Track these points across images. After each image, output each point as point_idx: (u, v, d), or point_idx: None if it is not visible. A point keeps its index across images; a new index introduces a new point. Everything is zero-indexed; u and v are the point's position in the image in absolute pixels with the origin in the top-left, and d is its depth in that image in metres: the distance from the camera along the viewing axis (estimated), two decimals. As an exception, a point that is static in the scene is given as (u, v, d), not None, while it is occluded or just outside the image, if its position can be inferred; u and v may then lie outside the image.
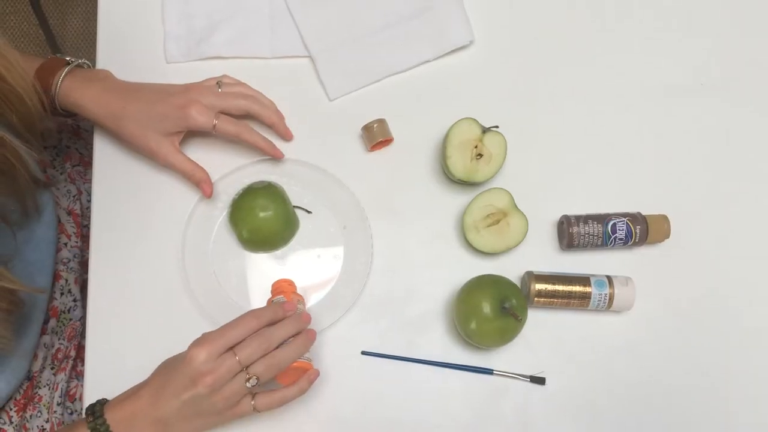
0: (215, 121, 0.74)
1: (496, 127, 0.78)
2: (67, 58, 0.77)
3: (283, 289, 0.73)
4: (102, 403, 0.66)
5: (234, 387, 0.64)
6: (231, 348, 0.64)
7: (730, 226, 0.82)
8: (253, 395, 0.66)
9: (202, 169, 0.77)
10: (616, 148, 0.83)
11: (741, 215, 0.82)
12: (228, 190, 0.79)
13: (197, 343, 0.65)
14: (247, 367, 0.64)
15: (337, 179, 0.79)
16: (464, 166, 0.77)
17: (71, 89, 0.74)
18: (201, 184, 0.77)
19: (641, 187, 0.82)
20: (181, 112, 0.74)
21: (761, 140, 0.85)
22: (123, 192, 0.80)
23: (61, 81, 0.74)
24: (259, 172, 0.80)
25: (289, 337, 0.66)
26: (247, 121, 0.79)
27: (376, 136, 0.80)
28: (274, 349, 0.66)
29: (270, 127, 0.80)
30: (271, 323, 0.67)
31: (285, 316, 0.68)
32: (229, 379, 0.64)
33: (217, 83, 0.78)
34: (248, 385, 0.65)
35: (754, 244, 0.81)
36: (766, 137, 0.85)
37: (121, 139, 0.77)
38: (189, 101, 0.74)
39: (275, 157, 0.79)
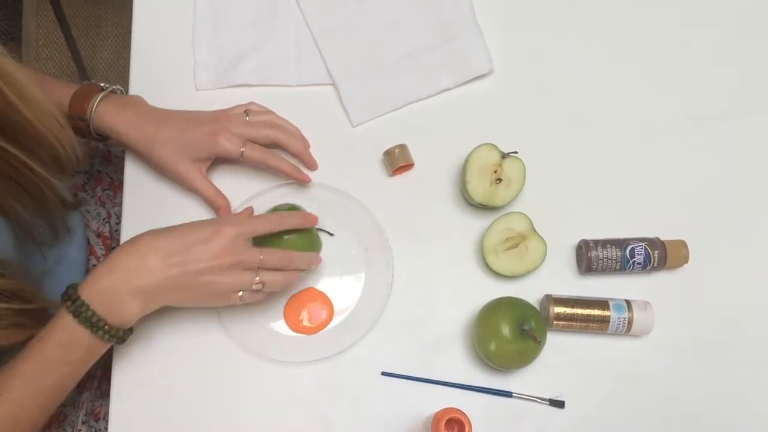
0: (243, 149, 0.77)
1: (515, 152, 0.79)
2: (102, 84, 0.79)
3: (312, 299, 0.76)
4: (73, 287, 0.65)
5: (241, 279, 0.67)
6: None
7: (749, 251, 0.82)
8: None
9: (223, 196, 0.79)
10: (634, 172, 0.84)
11: (760, 241, 0.82)
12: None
13: (229, 222, 0.68)
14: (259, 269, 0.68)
15: (359, 203, 0.81)
16: (484, 190, 0.78)
17: (106, 113, 0.76)
18: (220, 211, 0.78)
19: (660, 212, 0.83)
20: (210, 140, 0.76)
21: (780, 167, 0.85)
22: (151, 214, 0.81)
23: (97, 105, 0.76)
24: (283, 195, 0.81)
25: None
26: (275, 150, 0.81)
27: (398, 161, 0.81)
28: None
29: (296, 155, 0.82)
30: (294, 228, 0.72)
31: (305, 225, 0.74)
32: (243, 270, 0.67)
33: (245, 111, 0.80)
34: (253, 286, 0.68)
35: (774, 270, 0.81)
36: (785, 164, 0.85)
37: (151, 163, 0.79)
38: (219, 129, 0.76)
39: (302, 181, 0.80)
